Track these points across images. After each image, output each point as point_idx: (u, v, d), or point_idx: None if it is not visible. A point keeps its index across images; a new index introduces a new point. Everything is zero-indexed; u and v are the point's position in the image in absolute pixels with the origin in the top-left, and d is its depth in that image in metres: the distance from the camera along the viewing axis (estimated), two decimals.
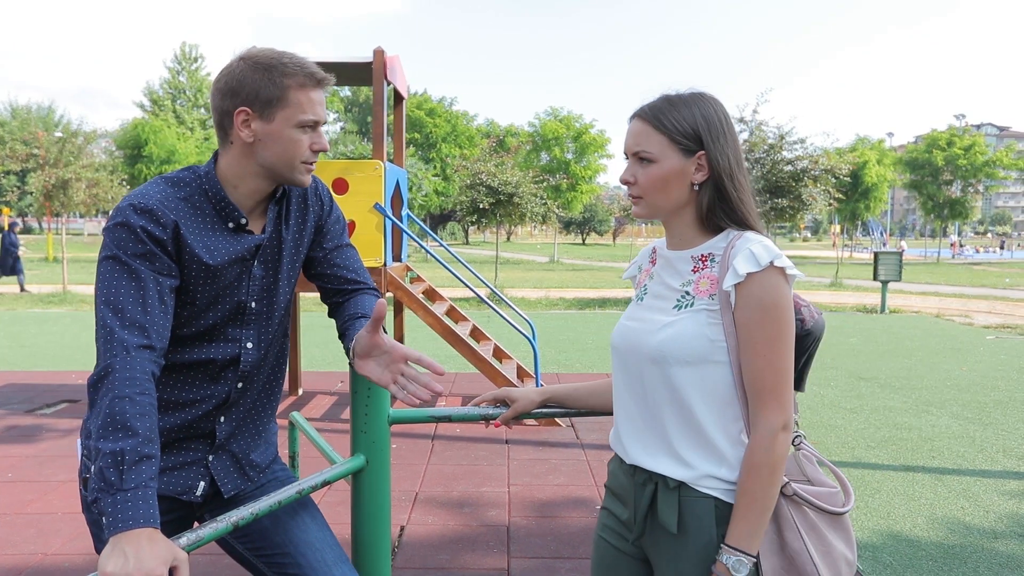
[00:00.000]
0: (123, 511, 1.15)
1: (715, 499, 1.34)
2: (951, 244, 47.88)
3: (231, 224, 1.49)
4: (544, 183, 21.02)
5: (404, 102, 6.81)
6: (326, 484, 1.56)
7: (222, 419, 1.55)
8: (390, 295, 6.59)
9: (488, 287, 7.04)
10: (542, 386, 1.99)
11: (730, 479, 1.34)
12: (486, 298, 5.59)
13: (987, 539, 3.69)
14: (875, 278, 14.01)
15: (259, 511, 1.38)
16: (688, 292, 1.38)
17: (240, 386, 1.56)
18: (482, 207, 17.74)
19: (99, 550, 1.51)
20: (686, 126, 1.36)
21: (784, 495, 1.36)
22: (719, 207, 1.38)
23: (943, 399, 6.83)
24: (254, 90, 1.41)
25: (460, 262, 6.28)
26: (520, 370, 6.31)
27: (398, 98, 6.68)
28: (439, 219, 47.95)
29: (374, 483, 1.68)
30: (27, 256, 20.71)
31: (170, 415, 1.49)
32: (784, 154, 15.45)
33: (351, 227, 5.61)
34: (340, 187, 5.63)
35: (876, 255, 14.17)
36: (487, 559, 3.43)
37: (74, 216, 24.72)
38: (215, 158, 1.51)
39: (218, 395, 1.53)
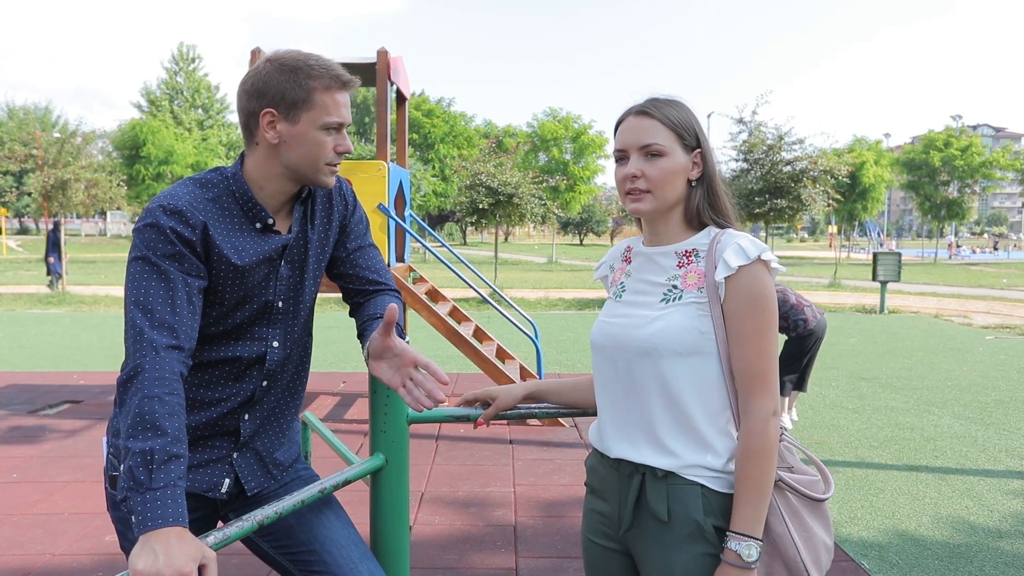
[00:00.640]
0: (152, 510, 1.16)
1: (702, 486, 1.37)
2: (948, 244, 48.00)
3: (258, 224, 1.50)
4: (543, 184, 21.03)
5: (407, 103, 6.82)
6: (348, 483, 1.57)
7: (246, 417, 1.56)
8: None
9: (490, 287, 7.05)
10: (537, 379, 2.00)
11: (716, 467, 1.37)
12: (488, 298, 5.59)
13: (992, 538, 3.71)
14: (874, 278, 14.05)
15: (283, 510, 1.39)
16: (676, 286, 1.41)
17: (265, 384, 1.56)
18: (481, 207, 17.76)
19: (124, 547, 1.52)
20: (686, 122, 1.41)
21: None
22: (708, 204, 1.44)
23: (944, 399, 6.85)
24: (280, 92, 1.42)
25: (463, 263, 6.29)
26: (523, 370, 6.32)
27: (400, 99, 6.68)
28: (436, 220, 47.95)
29: (393, 482, 1.69)
30: (23, 257, 20.67)
31: (195, 413, 1.50)
32: (783, 155, 15.50)
33: None
34: None
35: (875, 255, 14.21)
36: (495, 558, 3.44)
37: (71, 217, 24.68)
38: (241, 159, 1.51)
39: (243, 393, 1.54)
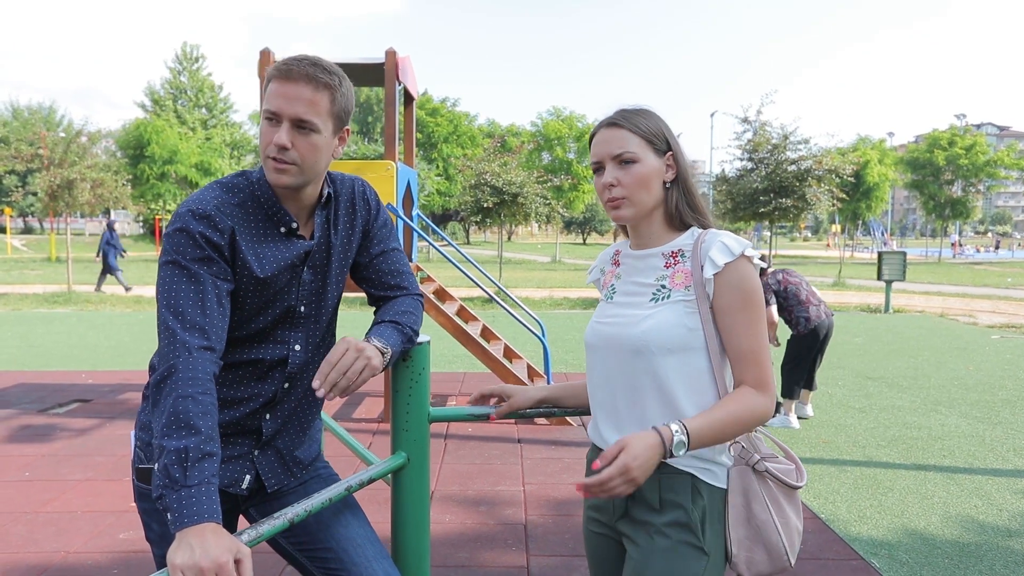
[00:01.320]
0: (187, 507, 1.19)
1: (692, 476, 1.44)
2: (952, 244, 47.89)
3: (283, 228, 1.51)
4: (547, 183, 21.02)
5: (414, 103, 6.83)
6: (372, 481, 1.59)
7: (268, 417, 1.58)
8: None
9: (497, 286, 7.06)
10: (552, 384, 2.02)
11: (706, 457, 1.45)
12: (496, 296, 5.61)
13: (1002, 537, 3.72)
14: (879, 278, 14.03)
15: (312, 508, 1.40)
16: (664, 285, 1.48)
17: (286, 386, 1.58)
18: (486, 206, 17.77)
19: (149, 537, 1.54)
20: (655, 128, 1.49)
21: (755, 471, 1.48)
22: (686, 203, 1.52)
23: (951, 398, 6.86)
24: (262, 91, 1.47)
25: (471, 262, 6.30)
26: (530, 369, 6.34)
27: (408, 98, 6.68)
28: (440, 219, 47.97)
29: (415, 480, 1.70)
30: (30, 256, 20.67)
31: (219, 412, 1.51)
32: (788, 154, 15.49)
33: None
34: None
35: (880, 255, 14.20)
36: (506, 556, 3.46)
37: (76, 216, 24.71)
38: None
39: (265, 394, 1.56)
